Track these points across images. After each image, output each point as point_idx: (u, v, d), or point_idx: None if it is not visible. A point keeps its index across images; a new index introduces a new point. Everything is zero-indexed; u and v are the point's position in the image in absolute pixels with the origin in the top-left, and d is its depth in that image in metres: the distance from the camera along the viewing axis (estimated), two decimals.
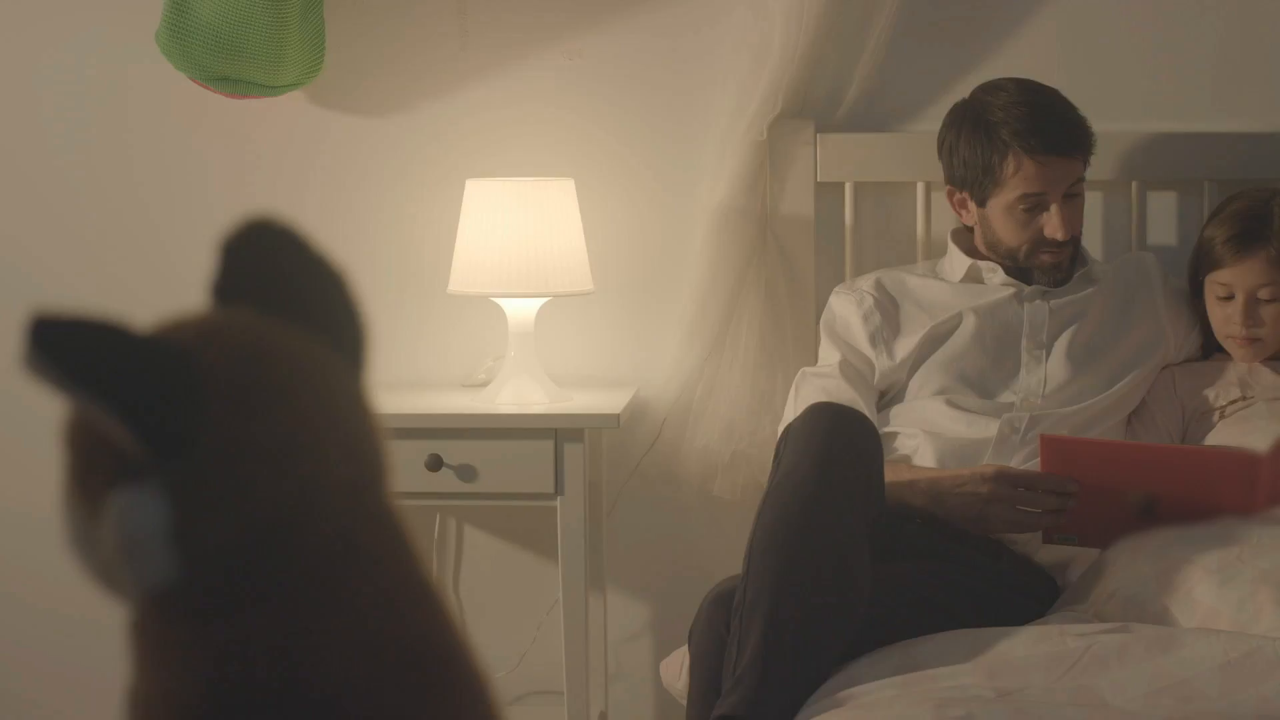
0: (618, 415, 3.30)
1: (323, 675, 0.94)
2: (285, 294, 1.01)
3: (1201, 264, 3.25)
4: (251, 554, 0.94)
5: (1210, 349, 3.32)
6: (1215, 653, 2.49)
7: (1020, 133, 3.14)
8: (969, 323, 3.23)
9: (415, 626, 0.99)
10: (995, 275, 3.28)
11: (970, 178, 3.20)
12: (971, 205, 3.23)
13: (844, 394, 3.18)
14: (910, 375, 3.23)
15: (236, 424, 0.94)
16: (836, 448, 2.76)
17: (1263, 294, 3.17)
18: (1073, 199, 3.20)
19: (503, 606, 3.71)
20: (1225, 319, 3.21)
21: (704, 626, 2.83)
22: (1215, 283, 3.21)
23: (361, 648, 0.96)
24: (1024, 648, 2.60)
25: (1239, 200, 3.24)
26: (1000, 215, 3.19)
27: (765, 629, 2.63)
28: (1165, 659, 2.51)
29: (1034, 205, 3.17)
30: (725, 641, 2.73)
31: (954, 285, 3.29)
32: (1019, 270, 3.27)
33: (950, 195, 3.27)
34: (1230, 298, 3.19)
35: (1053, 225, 3.17)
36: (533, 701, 3.72)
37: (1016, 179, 3.15)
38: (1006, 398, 3.20)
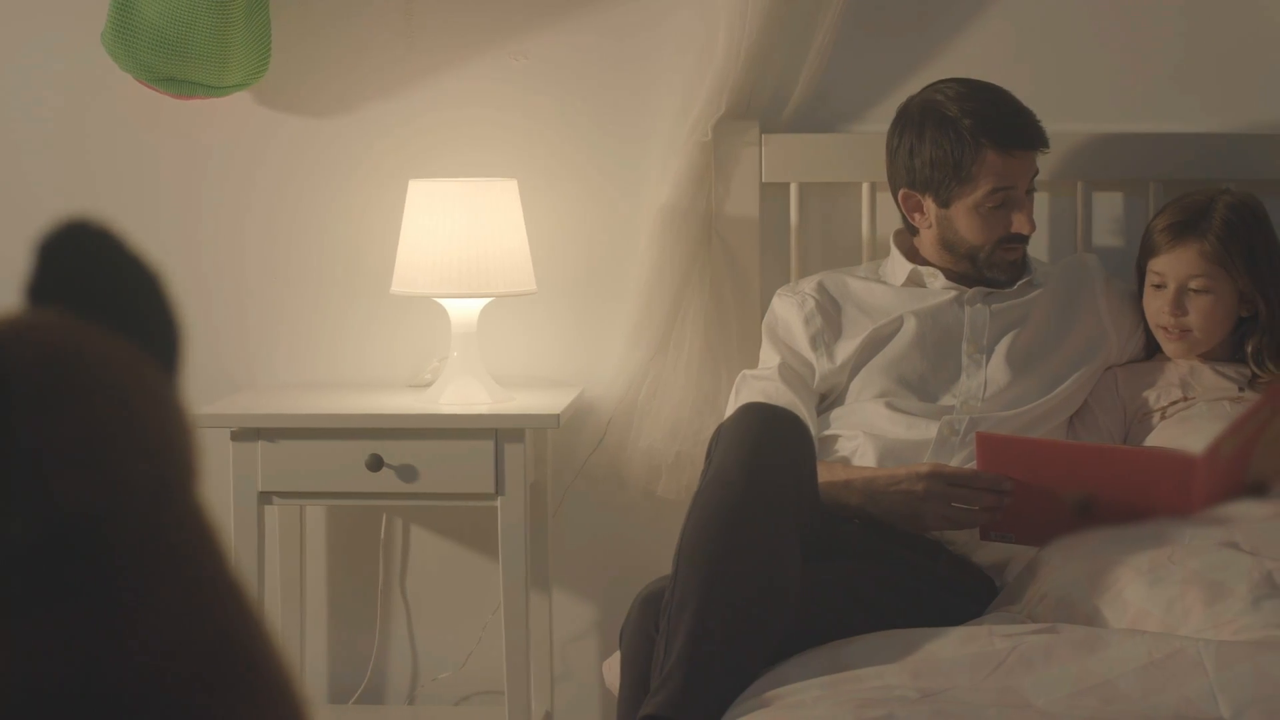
0: (558, 415, 3.30)
1: (128, 674, 0.94)
2: (99, 295, 1.01)
3: (1142, 252, 3.27)
4: (54, 553, 0.94)
5: (1154, 349, 3.33)
6: (1139, 653, 2.49)
7: (988, 129, 3.14)
8: (910, 326, 3.23)
9: (222, 626, 0.99)
10: (936, 280, 3.28)
11: (936, 177, 3.18)
12: (930, 207, 3.22)
13: (783, 397, 3.18)
14: (851, 378, 3.23)
15: (39, 423, 0.94)
16: (766, 448, 2.76)
17: (1194, 284, 3.19)
18: (1031, 194, 3.21)
19: (449, 607, 3.72)
20: (1157, 309, 3.23)
21: (634, 627, 2.83)
22: (1151, 270, 3.23)
23: (167, 647, 0.96)
24: (951, 648, 2.60)
25: (1187, 195, 3.26)
26: (965, 214, 3.19)
27: (692, 629, 2.63)
28: (1090, 660, 2.51)
29: (1002, 201, 3.17)
30: (654, 641, 2.73)
31: (895, 289, 3.29)
32: (960, 274, 3.27)
33: (905, 199, 3.24)
34: (1163, 286, 3.21)
35: (1021, 220, 3.18)
36: (479, 701, 3.73)
37: (987, 175, 3.15)
38: (947, 401, 3.20)
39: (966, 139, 3.15)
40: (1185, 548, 2.75)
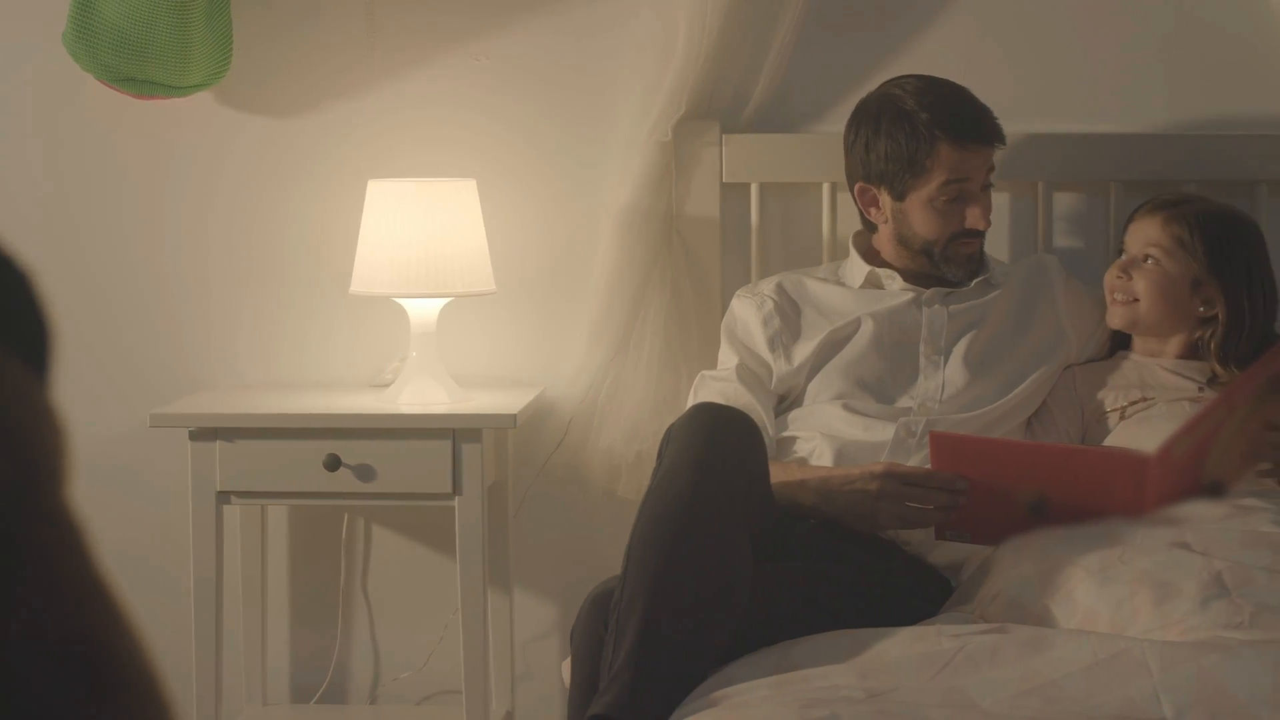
0: (514, 415, 3.30)
1: None
2: None
3: (1122, 232, 3.29)
4: None
5: (1116, 348, 3.33)
6: (1084, 654, 2.49)
7: (942, 120, 3.14)
8: (867, 328, 3.23)
9: (86, 626, 0.99)
10: (894, 281, 3.28)
11: (891, 170, 3.19)
12: (885, 201, 3.22)
13: (741, 398, 3.18)
14: (808, 380, 3.23)
15: None
16: (716, 449, 2.76)
17: (1150, 251, 3.20)
18: (987, 190, 3.21)
19: (410, 606, 3.72)
20: (1109, 272, 3.25)
21: (584, 627, 2.83)
22: (1124, 240, 3.24)
23: (30, 647, 0.96)
24: (900, 648, 2.60)
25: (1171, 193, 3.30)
26: (920, 207, 3.19)
27: (640, 630, 2.63)
28: (1036, 660, 2.51)
29: (956, 195, 3.17)
30: (604, 641, 2.73)
31: (853, 290, 3.29)
32: (918, 275, 3.27)
33: (861, 193, 3.25)
34: (1124, 253, 3.23)
35: (975, 215, 3.18)
36: (441, 701, 3.73)
37: (940, 167, 3.15)
38: (904, 403, 3.20)
39: (921, 132, 3.15)
40: (1136, 548, 2.75)
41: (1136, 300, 3.21)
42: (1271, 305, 3.22)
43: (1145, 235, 3.20)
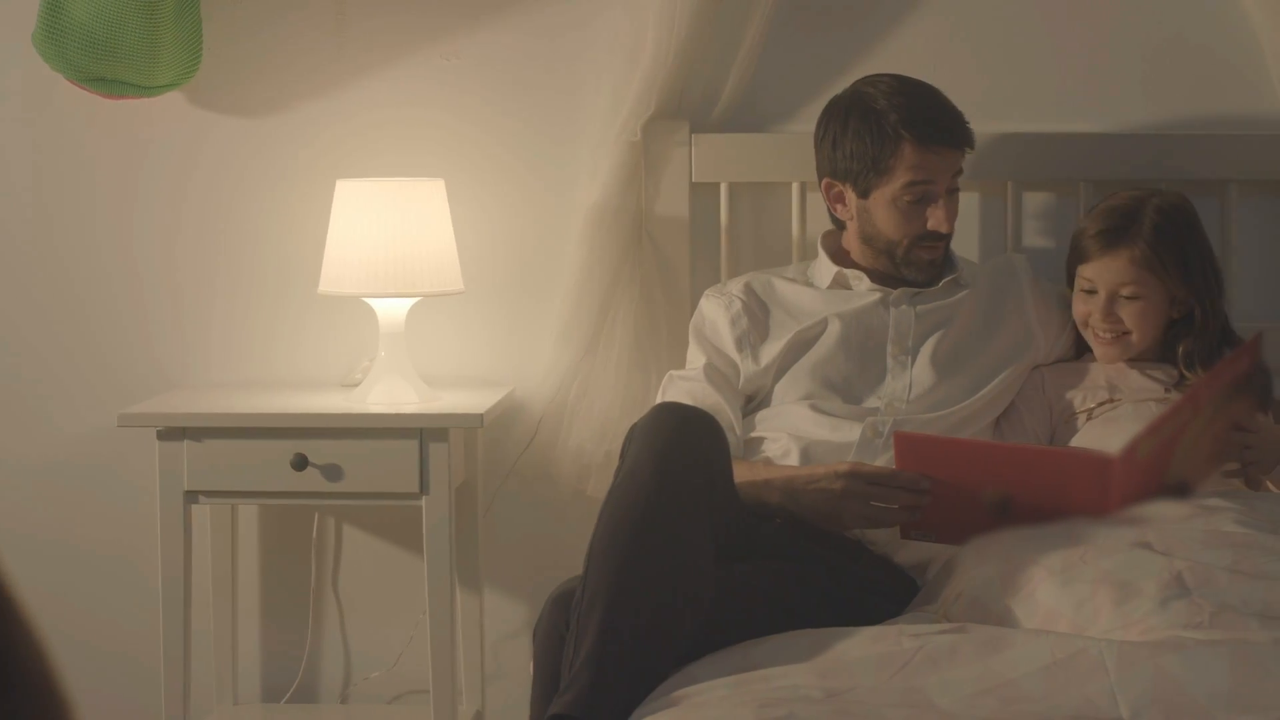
0: (481, 415, 3.30)
1: None
2: None
3: (1071, 255, 3.26)
4: None
5: (1083, 348, 3.33)
6: (1042, 654, 2.50)
7: (910, 121, 3.14)
8: (834, 328, 3.23)
9: None
10: (861, 282, 3.28)
11: (856, 168, 3.19)
12: (851, 198, 3.22)
13: (709, 398, 3.18)
14: (775, 381, 3.23)
15: None
16: (678, 449, 2.76)
17: (1125, 291, 3.18)
18: (953, 194, 3.21)
19: (380, 606, 3.72)
20: (1087, 313, 3.22)
21: (545, 626, 2.84)
22: (1082, 276, 3.22)
23: None
24: (860, 648, 2.60)
25: (1116, 197, 3.25)
26: (884, 207, 3.19)
27: (600, 629, 2.64)
28: (994, 660, 2.51)
29: (920, 196, 3.17)
30: (565, 641, 2.73)
31: (821, 291, 3.29)
32: (885, 277, 3.27)
33: (827, 189, 3.25)
34: (1094, 292, 3.20)
35: (937, 218, 3.18)
36: (411, 700, 3.73)
37: (904, 167, 3.15)
38: (872, 403, 3.20)
39: (888, 131, 3.15)
40: (1098, 548, 2.75)
41: (1128, 333, 3.20)
42: (1222, 287, 3.23)
43: (1116, 276, 3.17)
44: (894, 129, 3.14)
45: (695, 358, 3.27)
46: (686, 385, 3.22)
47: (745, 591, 2.87)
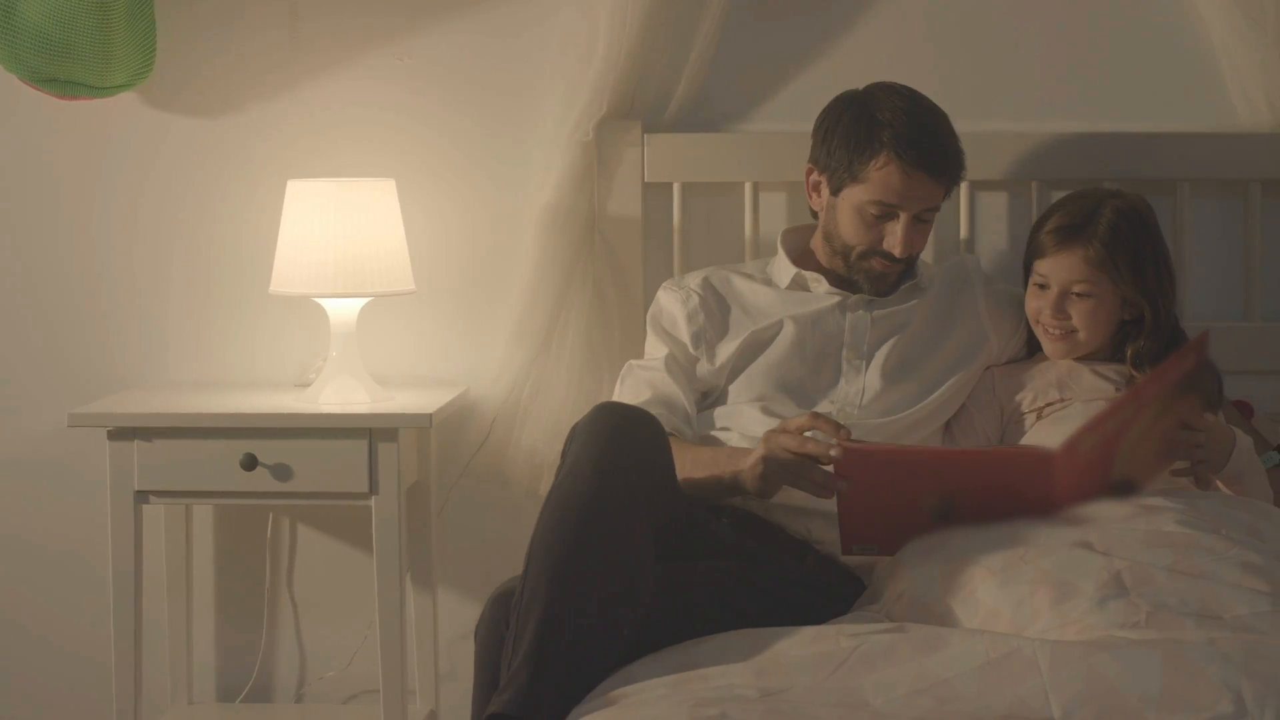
0: (430, 415, 3.30)
1: None
2: None
3: (1028, 250, 3.26)
4: None
5: (1035, 348, 3.33)
6: (977, 653, 2.50)
7: (899, 138, 3.13)
8: (789, 331, 3.23)
9: None
10: (820, 285, 3.28)
11: (835, 164, 3.19)
12: (824, 190, 3.23)
13: (668, 387, 3.19)
14: (729, 381, 3.23)
15: None
16: (618, 448, 2.76)
17: (1077, 288, 3.18)
18: (922, 223, 3.19)
19: (335, 606, 3.72)
20: (1038, 309, 3.23)
21: (486, 625, 2.84)
22: (1036, 271, 3.23)
23: None
24: (798, 648, 2.60)
25: (1077, 195, 3.25)
26: (848, 210, 3.19)
27: (539, 629, 2.63)
28: (929, 659, 2.51)
29: (884, 214, 3.17)
30: (505, 640, 2.73)
31: (780, 291, 3.29)
32: (843, 280, 3.27)
33: (808, 174, 3.25)
34: (1047, 287, 3.21)
35: (894, 239, 3.17)
36: (366, 700, 3.74)
37: (877, 181, 3.14)
38: (824, 406, 3.20)
39: (876, 140, 3.14)
40: (1039, 548, 2.76)
41: (1075, 331, 3.21)
42: (1174, 292, 3.23)
43: (1069, 273, 3.18)
44: (881, 140, 3.13)
45: (656, 348, 3.27)
46: (646, 375, 3.22)
47: (690, 590, 2.86)
